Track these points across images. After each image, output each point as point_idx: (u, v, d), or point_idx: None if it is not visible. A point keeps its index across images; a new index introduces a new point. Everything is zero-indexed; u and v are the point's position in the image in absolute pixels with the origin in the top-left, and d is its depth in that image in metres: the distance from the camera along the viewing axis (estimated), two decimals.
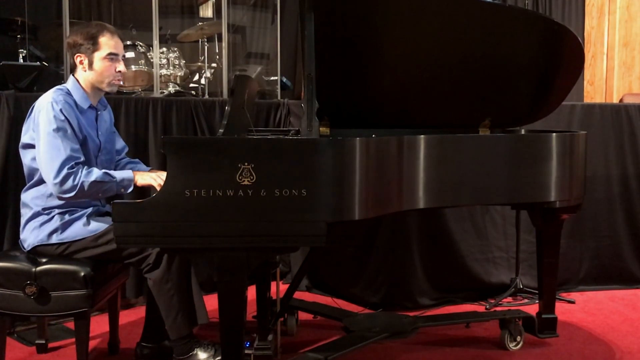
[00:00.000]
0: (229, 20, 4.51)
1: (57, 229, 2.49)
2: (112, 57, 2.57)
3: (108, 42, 2.56)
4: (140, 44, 4.42)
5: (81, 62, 2.57)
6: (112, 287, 2.69)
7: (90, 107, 2.61)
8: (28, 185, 2.57)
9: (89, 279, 2.42)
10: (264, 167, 2.05)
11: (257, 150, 2.06)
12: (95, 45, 2.55)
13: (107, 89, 2.62)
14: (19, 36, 4.12)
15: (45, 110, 2.44)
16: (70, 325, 3.02)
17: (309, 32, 2.23)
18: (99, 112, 2.67)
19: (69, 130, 2.44)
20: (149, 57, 4.37)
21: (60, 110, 2.44)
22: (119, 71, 2.60)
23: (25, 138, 2.53)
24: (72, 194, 2.38)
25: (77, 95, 2.56)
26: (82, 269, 2.43)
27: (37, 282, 2.41)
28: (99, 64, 2.56)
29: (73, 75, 2.61)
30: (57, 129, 2.41)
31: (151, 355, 2.76)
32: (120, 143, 2.87)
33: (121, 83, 2.69)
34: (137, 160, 2.93)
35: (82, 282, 2.42)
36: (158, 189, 2.30)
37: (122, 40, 2.66)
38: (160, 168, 2.99)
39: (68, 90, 2.56)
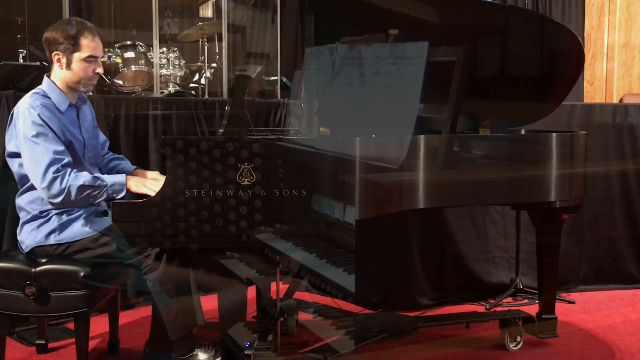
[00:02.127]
0: (229, 20, 4.51)
1: (55, 229, 2.48)
2: (91, 59, 2.52)
3: (89, 44, 2.50)
4: (140, 44, 4.42)
5: (59, 61, 2.51)
6: (112, 287, 2.68)
7: (70, 105, 2.56)
8: (21, 190, 2.54)
9: (88, 279, 2.42)
10: (264, 167, 2.05)
11: (257, 150, 2.06)
12: (75, 46, 2.49)
13: (82, 90, 2.58)
14: (19, 36, 4.12)
15: (22, 117, 2.40)
16: (70, 325, 3.02)
17: (309, 32, 2.24)
18: (79, 109, 2.63)
19: (50, 134, 2.39)
20: (149, 57, 4.37)
21: (38, 115, 2.39)
22: (97, 73, 2.56)
23: (10, 147, 2.49)
24: (61, 197, 2.34)
25: (55, 96, 2.51)
26: (81, 269, 2.42)
27: (37, 282, 2.41)
28: (77, 65, 2.51)
29: (47, 76, 2.55)
30: (37, 135, 2.37)
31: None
32: (101, 137, 2.81)
33: (95, 83, 2.65)
34: (121, 156, 2.88)
35: (82, 282, 2.41)
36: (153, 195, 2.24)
37: (103, 40, 2.59)
38: (160, 168, 2.98)
39: (44, 92, 2.50)
